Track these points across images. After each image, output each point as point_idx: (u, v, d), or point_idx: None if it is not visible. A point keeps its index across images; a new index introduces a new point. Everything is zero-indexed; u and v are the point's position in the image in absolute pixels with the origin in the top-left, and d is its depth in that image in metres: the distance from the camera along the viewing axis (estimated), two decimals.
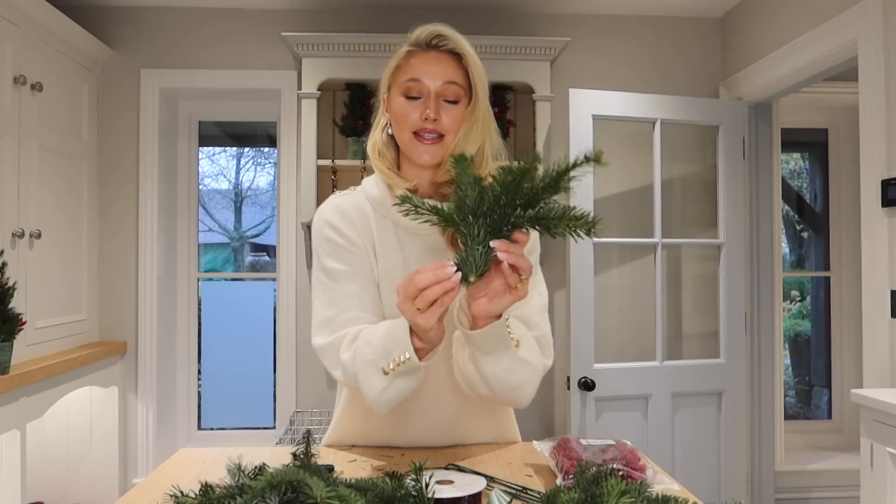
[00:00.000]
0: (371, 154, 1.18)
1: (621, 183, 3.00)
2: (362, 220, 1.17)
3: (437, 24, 1.14)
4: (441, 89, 1.11)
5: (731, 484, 2.71)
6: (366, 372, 1.02)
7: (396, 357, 0.99)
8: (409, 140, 1.11)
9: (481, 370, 1.05)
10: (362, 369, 1.02)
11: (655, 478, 0.98)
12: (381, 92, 1.19)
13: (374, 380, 1.01)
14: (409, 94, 1.11)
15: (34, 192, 2.35)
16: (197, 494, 0.75)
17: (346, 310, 1.11)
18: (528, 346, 1.08)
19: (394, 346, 0.99)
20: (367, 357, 1.01)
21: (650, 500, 0.73)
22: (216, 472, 1.05)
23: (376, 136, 1.19)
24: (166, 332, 3.02)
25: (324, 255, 1.15)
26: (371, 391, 1.02)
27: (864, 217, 2.07)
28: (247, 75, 2.92)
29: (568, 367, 2.53)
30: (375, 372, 1.00)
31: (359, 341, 1.05)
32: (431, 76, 1.11)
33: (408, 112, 1.10)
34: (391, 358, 0.99)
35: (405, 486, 0.75)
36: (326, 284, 1.14)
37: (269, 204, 4.18)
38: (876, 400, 1.69)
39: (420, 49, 1.13)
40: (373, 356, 1.01)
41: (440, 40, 1.13)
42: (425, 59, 1.12)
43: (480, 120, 1.12)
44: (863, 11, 2.10)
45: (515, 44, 2.71)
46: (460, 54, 1.13)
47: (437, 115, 1.09)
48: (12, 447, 2.06)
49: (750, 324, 2.82)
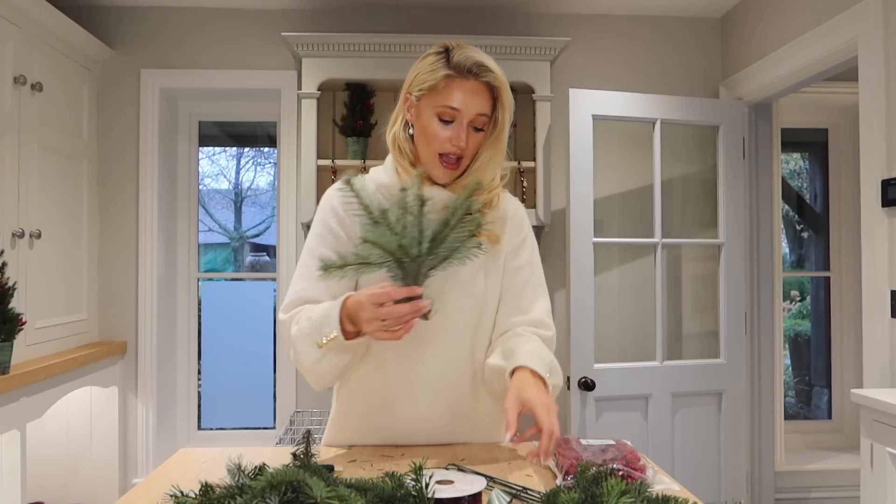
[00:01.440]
0: (392, 147, 1.25)
1: (621, 183, 3.00)
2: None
3: (478, 52, 1.18)
4: (473, 119, 1.18)
5: (731, 484, 2.71)
6: (303, 343, 1.13)
7: (328, 334, 1.10)
8: (433, 158, 1.19)
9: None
10: (300, 341, 1.14)
11: (655, 478, 0.98)
12: (406, 91, 1.22)
13: (309, 351, 1.13)
14: (443, 118, 1.17)
15: (34, 192, 2.35)
16: (197, 494, 0.75)
17: (311, 289, 1.19)
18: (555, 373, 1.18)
19: (326, 323, 1.11)
20: (305, 331, 1.13)
21: (650, 500, 0.73)
22: (216, 472, 1.05)
23: (397, 131, 1.24)
24: (166, 332, 3.02)
25: (314, 233, 1.24)
26: (306, 360, 1.14)
27: (864, 217, 2.07)
28: (247, 75, 2.92)
29: (568, 368, 2.53)
30: (311, 345, 1.12)
31: (301, 315, 1.16)
32: (468, 107, 1.16)
33: (439, 133, 1.17)
34: (323, 334, 1.11)
35: (405, 486, 0.75)
36: (305, 261, 1.23)
37: (269, 204, 4.18)
38: (876, 400, 1.69)
39: (461, 76, 1.16)
40: (310, 330, 1.13)
41: (482, 71, 1.16)
42: (465, 90, 1.16)
43: (503, 149, 1.22)
44: (863, 11, 2.10)
45: (515, 44, 2.71)
46: (497, 87, 1.18)
47: (466, 143, 1.17)
48: (12, 447, 2.06)
49: (750, 324, 2.82)
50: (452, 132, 1.16)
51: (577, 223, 2.52)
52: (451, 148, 1.16)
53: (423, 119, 1.18)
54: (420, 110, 1.19)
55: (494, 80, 1.17)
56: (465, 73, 1.15)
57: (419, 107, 1.19)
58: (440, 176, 1.19)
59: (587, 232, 2.53)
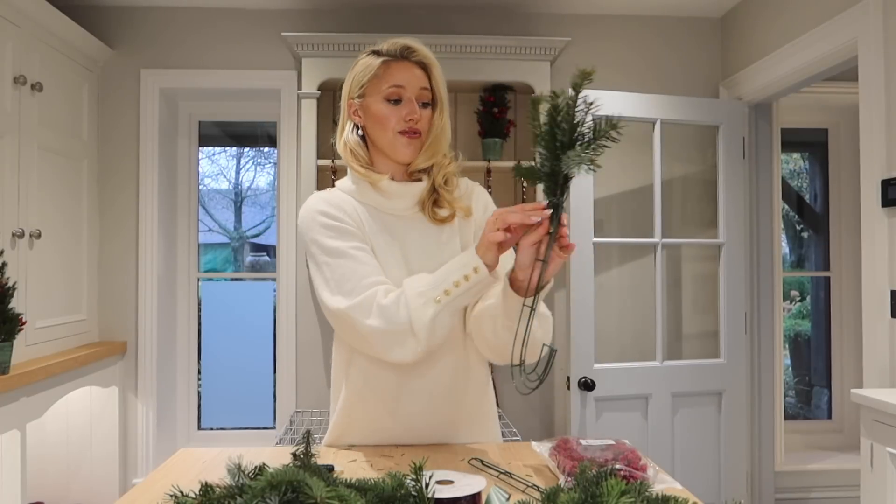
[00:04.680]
0: (344, 154, 1.28)
1: (621, 183, 3.00)
2: (349, 207, 1.25)
3: (405, 38, 1.26)
4: (418, 94, 1.24)
5: (731, 484, 2.71)
6: (417, 302, 1.11)
7: (455, 279, 1.09)
8: (394, 138, 1.23)
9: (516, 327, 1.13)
10: (413, 300, 1.11)
11: (657, 477, 0.98)
12: (347, 98, 1.28)
13: (425, 309, 1.10)
14: (391, 98, 1.22)
15: (34, 192, 2.35)
16: (197, 494, 0.74)
17: (367, 276, 1.16)
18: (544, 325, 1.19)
19: (451, 273, 1.11)
20: (419, 289, 1.12)
21: (650, 500, 0.73)
22: (216, 472, 1.05)
23: (346, 136, 1.28)
24: (166, 332, 3.02)
25: (323, 238, 1.21)
26: (421, 319, 1.10)
27: (864, 217, 2.07)
28: (247, 75, 2.92)
29: (568, 368, 2.53)
30: (427, 302, 1.10)
31: (405, 286, 1.14)
32: (410, 82, 1.23)
33: (391, 114, 1.22)
34: (450, 282, 1.10)
35: (405, 486, 0.75)
36: (332, 264, 1.18)
37: (269, 204, 4.18)
38: (876, 400, 1.69)
39: (395, 60, 1.24)
40: (424, 288, 1.12)
41: (411, 52, 1.25)
42: (403, 68, 1.24)
43: (448, 123, 1.28)
44: (863, 11, 2.10)
45: (515, 44, 2.71)
46: (427, 65, 1.25)
47: (420, 116, 1.23)
48: (12, 447, 2.06)
49: (750, 324, 2.82)
50: (405, 108, 1.22)
51: (577, 223, 2.52)
52: (407, 124, 1.22)
53: (372, 110, 1.24)
54: (367, 105, 1.24)
55: (425, 58, 1.25)
56: (397, 56, 1.24)
57: (365, 103, 1.25)
58: (407, 153, 1.24)
59: (587, 232, 2.53)
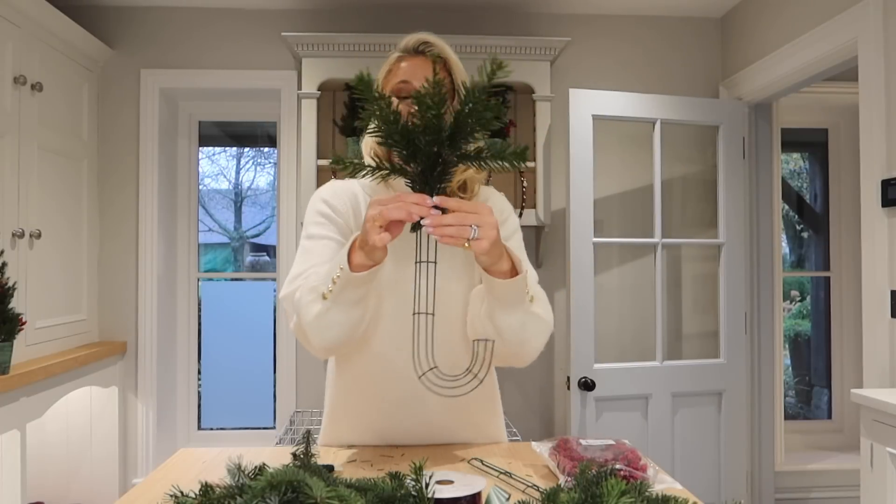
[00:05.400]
0: (365, 154, 1.27)
1: (621, 183, 3.00)
2: (351, 198, 1.27)
3: (423, 32, 1.24)
4: None
5: (731, 484, 2.71)
6: (307, 297, 1.07)
7: (334, 276, 1.03)
8: None
9: (496, 322, 1.10)
10: (305, 295, 1.07)
11: (657, 477, 0.98)
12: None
13: (312, 304, 1.06)
14: (399, 95, 1.20)
15: (34, 192, 2.35)
16: (197, 494, 0.74)
17: (316, 265, 1.16)
18: (541, 303, 1.16)
19: (333, 268, 1.05)
20: (311, 283, 1.08)
21: (650, 500, 0.73)
22: (216, 472, 1.05)
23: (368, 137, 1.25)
24: (166, 332, 3.02)
25: (310, 224, 1.25)
26: (307, 315, 1.06)
27: (864, 217, 2.07)
28: (247, 75, 2.92)
29: (568, 367, 2.53)
30: (316, 297, 1.06)
31: (306, 280, 1.12)
32: (418, 78, 1.20)
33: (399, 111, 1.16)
34: (330, 279, 1.04)
35: (405, 486, 0.75)
36: (305, 246, 1.22)
37: (269, 204, 4.18)
38: (876, 400, 1.69)
39: (408, 54, 1.24)
40: (316, 282, 1.07)
41: (426, 46, 1.24)
42: (413, 64, 1.22)
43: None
44: (863, 11, 2.10)
45: (515, 44, 2.71)
46: (444, 59, 1.23)
47: None
48: (12, 447, 2.06)
49: (750, 324, 2.82)
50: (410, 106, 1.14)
51: (577, 223, 2.52)
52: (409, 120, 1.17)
53: None
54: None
55: (441, 51, 1.22)
56: (412, 52, 1.23)
57: None
58: None
59: (587, 232, 2.53)
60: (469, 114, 0.92)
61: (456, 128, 0.94)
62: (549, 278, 2.94)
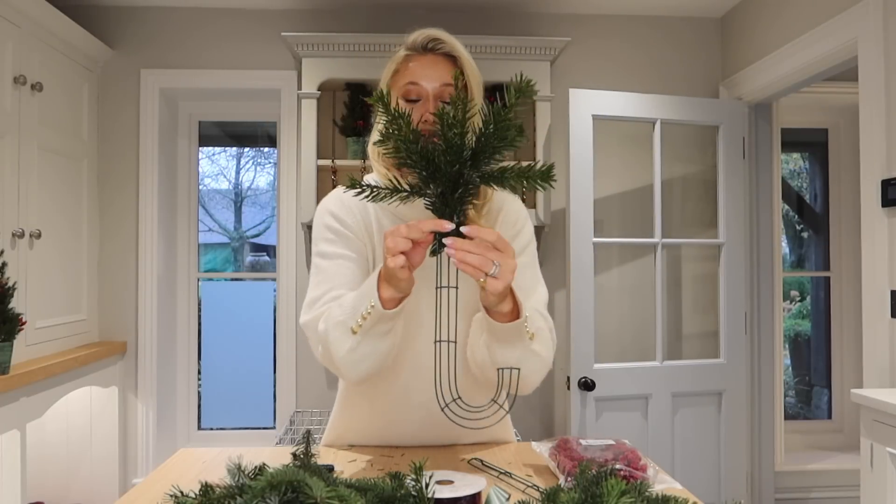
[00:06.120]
0: (372, 156, 1.21)
1: (621, 183, 3.00)
2: (362, 210, 1.19)
3: (432, 29, 1.16)
4: (438, 91, 1.13)
5: (731, 484, 2.71)
6: (335, 333, 1.03)
7: (363, 311, 0.99)
8: None
9: (494, 357, 1.07)
10: (332, 331, 1.03)
11: (657, 477, 0.98)
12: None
13: (342, 340, 1.02)
14: (408, 97, 1.14)
15: (34, 192, 2.35)
16: (197, 494, 0.74)
17: (334, 288, 1.13)
18: (542, 341, 1.10)
19: (361, 301, 1.00)
20: (338, 318, 1.03)
21: (650, 500, 0.73)
22: (216, 472, 1.05)
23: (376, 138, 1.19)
24: (166, 332, 3.02)
25: (321, 240, 1.19)
26: (339, 351, 1.03)
27: (864, 217, 2.07)
28: (247, 75, 2.92)
29: (568, 367, 2.53)
30: (344, 332, 1.02)
31: (330, 309, 1.07)
32: (429, 79, 1.13)
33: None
34: (359, 314, 1.00)
35: (405, 486, 0.75)
36: (320, 266, 1.17)
37: (269, 204, 4.18)
38: (876, 400, 1.69)
39: (417, 53, 1.16)
40: (343, 317, 1.03)
41: (436, 44, 1.15)
42: (422, 63, 1.15)
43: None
44: (863, 11, 2.10)
45: (515, 44, 2.71)
46: (455, 57, 1.16)
47: None
48: (12, 447, 2.06)
49: (750, 324, 2.82)
50: (422, 108, 1.12)
51: (577, 223, 2.52)
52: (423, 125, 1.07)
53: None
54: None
55: (452, 49, 1.15)
56: (421, 49, 1.15)
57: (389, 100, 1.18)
58: None
59: (587, 232, 2.53)
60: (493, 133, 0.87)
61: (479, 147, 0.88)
62: (549, 278, 2.92)
